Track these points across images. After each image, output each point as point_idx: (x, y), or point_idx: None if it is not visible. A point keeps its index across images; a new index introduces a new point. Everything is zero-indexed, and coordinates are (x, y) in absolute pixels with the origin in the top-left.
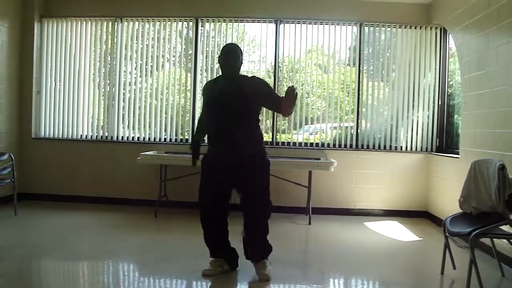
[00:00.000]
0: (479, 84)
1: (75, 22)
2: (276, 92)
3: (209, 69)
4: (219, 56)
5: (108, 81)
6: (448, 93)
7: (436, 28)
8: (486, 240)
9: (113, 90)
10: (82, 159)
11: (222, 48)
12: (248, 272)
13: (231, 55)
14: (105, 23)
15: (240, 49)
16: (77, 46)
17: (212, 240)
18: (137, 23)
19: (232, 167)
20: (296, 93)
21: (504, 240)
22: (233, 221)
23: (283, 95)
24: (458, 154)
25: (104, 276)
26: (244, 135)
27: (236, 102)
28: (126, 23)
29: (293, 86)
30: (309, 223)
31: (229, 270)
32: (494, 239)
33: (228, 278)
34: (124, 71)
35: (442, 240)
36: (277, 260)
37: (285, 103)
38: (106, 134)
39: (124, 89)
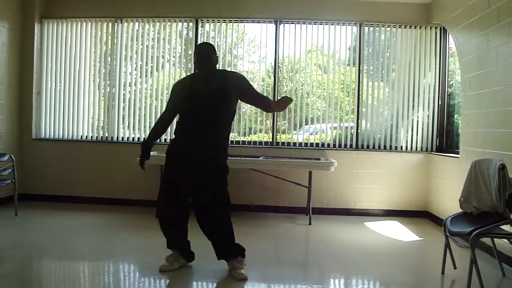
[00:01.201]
0: (479, 83)
1: (75, 23)
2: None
3: None
4: (194, 56)
5: (108, 82)
6: (448, 93)
7: (436, 27)
8: (487, 240)
9: (113, 90)
10: (83, 160)
11: (195, 48)
12: (248, 271)
13: (201, 59)
14: (105, 24)
15: (212, 48)
16: (77, 47)
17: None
18: (137, 23)
19: (195, 166)
20: (290, 101)
21: (505, 240)
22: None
23: (276, 98)
24: (458, 154)
25: (104, 276)
26: (216, 140)
27: (217, 101)
28: (126, 23)
29: (291, 98)
30: (310, 223)
31: (185, 263)
32: (495, 239)
33: (230, 277)
34: (124, 72)
35: (443, 240)
36: (277, 260)
37: (273, 105)
38: (106, 135)
39: (124, 89)
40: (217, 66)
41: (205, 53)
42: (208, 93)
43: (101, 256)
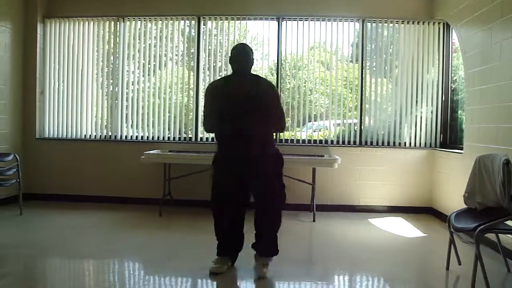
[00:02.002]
0: (482, 79)
1: (77, 22)
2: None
3: (212, 67)
4: (230, 56)
5: (111, 81)
6: (452, 88)
7: (439, 23)
8: (492, 236)
9: (116, 89)
10: (86, 159)
11: (233, 48)
12: (246, 269)
13: (241, 53)
14: (107, 23)
15: (251, 49)
16: (80, 46)
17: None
18: (139, 22)
19: (244, 164)
20: None
21: (510, 235)
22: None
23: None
24: (462, 150)
25: (109, 274)
26: (259, 138)
27: (248, 109)
28: (128, 22)
29: None
30: (313, 220)
31: (231, 265)
32: (500, 234)
33: (230, 275)
34: (127, 71)
35: (447, 236)
36: (281, 257)
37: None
38: (110, 134)
39: (127, 88)
40: (252, 67)
41: (240, 56)
42: (246, 95)
43: (105, 255)
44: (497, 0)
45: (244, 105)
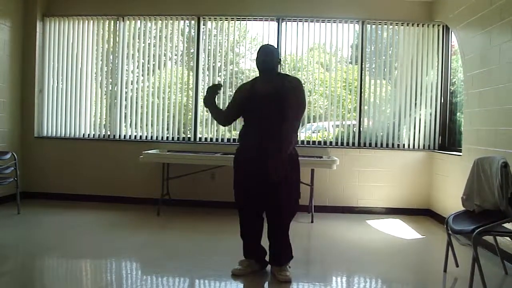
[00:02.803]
0: (481, 81)
1: (77, 21)
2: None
3: (211, 67)
4: (256, 58)
5: (111, 80)
6: (451, 91)
7: (438, 25)
8: (489, 238)
9: (116, 88)
10: (85, 158)
11: (259, 49)
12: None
13: (264, 53)
14: (107, 22)
15: (276, 49)
16: (79, 45)
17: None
18: (139, 21)
19: (262, 168)
20: None
21: (507, 238)
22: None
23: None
24: (461, 152)
25: (107, 274)
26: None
27: (273, 111)
28: (128, 21)
29: None
30: (312, 221)
31: (259, 269)
32: (497, 237)
33: (245, 278)
34: (126, 70)
35: (445, 238)
36: None
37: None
38: (109, 133)
39: (126, 87)
40: (279, 68)
41: (264, 56)
42: (269, 95)
43: (103, 254)
44: (496, 3)
45: (269, 104)
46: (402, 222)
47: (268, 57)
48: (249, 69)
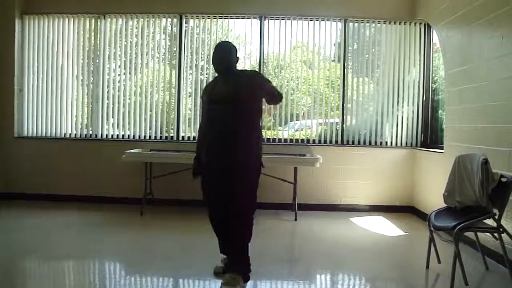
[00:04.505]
0: (462, 79)
1: (57, 19)
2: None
3: (194, 66)
4: (212, 55)
5: (92, 79)
6: (433, 89)
7: (420, 23)
8: (471, 234)
9: (97, 87)
10: (67, 158)
11: (215, 46)
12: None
13: (223, 51)
14: (88, 20)
15: (234, 45)
16: (60, 43)
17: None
18: (120, 20)
19: (226, 171)
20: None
21: (488, 234)
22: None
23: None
24: (443, 149)
25: (89, 275)
26: (241, 140)
27: (236, 103)
28: (109, 19)
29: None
30: (295, 219)
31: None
32: (478, 233)
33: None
34: (108, 68)
35: (427, 235)
36: (263, 256)
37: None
38: (91, 132)
39: (108, 86)
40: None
41: (227, 46)
42: (226, 95)
43: (85, 255)
44: (477, 2)
45: (228, 105)
46: (385, 219)
47: (223, 55)
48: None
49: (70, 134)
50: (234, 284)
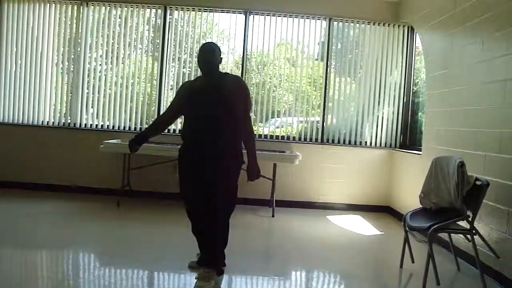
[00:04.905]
0: (442, 82)
1: (37, 4)
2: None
3: (177, 58)
4: (197, 56)
5: (72, 67)
6: (413, 91)
7: (404, 26)
8: (444, 235)
9: (77, 76)
10: (44, 146)
11: (200, 47)
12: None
13: (207, 53)
14: (70, 7)
15: (218, 47)
16: (40, 29)
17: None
18: (103, 8)
19: (203, 164)
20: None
21: (461, 235)
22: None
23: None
24: (421, 151)
25: (63, 265)
26: (219, 138)
27: (214, 103)
28: (92, 7)
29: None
30: (273, 216)
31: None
32: (452, 234)
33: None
34: (89, 57)
35: (402, 234)
36: (240, 251)
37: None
38: (69, 121)
39: (88, 76)
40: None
41: (206, 55)
42: (208, 93)
43: (60, 245)
44: (459, 7)
45: (209, 102)
46: (362, 219)
47: (209, 56)
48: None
49: (47, 122)
50: (208, 279)
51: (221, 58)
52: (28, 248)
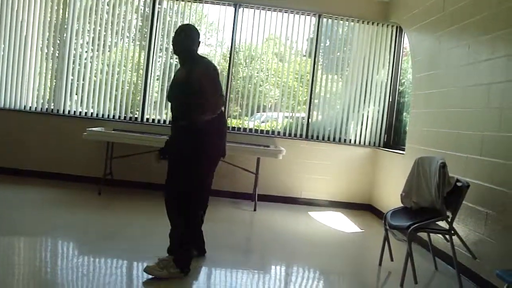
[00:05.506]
0: (428, 84)
1: None
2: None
3: (164, 48)
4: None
5: (58, 53)
6: (399, 91)
7: (392, 26)
8: (424, 235)
9: (63, 62)
10: (26, 131)
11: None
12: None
13: (178, 34)
14: None
15: (190, 29)
16: (25, 13)
17: None
18: None
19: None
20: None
21: (440, 235)
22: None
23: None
24: (404, 151)
25: (41, 253)
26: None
27: (177, 92)
28: None
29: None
30: (255, 210)
31: (197, 256)
32: (431, 234)
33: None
34: (75, 44)
35: (383, 233)
36: (220, 244)
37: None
38: (52, 107)
39: (74, 62)
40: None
41: (175, 38)
42: (178, 81)
43: (38, 232)
44: (447, 10)
45: (176, 90)
46: (343, 216)
47: (174, 38)
48: (204, 54)
49: (30, 107)
50: (159, 269)
51: (199, 41)
52: (5, 235)
